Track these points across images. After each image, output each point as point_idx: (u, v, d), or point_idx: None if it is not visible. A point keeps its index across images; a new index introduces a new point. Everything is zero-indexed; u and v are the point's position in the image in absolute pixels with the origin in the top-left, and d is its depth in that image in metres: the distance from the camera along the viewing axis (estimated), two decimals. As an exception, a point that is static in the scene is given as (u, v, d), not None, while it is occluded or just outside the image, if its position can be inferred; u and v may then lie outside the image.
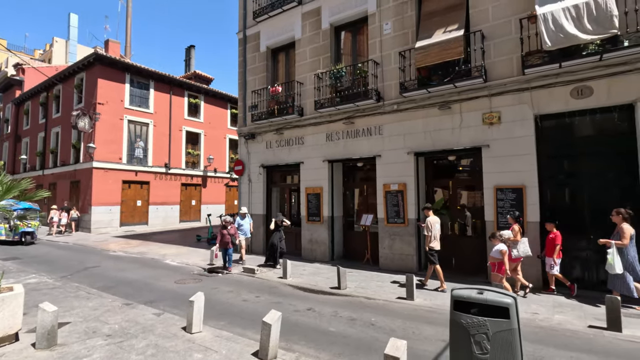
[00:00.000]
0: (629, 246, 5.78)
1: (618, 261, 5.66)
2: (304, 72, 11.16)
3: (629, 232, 5.79)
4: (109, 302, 6.41)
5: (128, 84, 19.65)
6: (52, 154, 21.97)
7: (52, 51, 32.69)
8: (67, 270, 9.55)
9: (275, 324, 4.01)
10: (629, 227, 5.84)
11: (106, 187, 18.30)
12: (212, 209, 22.60)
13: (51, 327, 4.34)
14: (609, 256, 5.74)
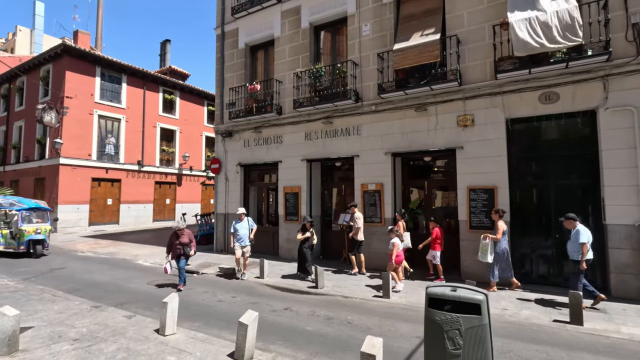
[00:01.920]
0: (501, 240, 6.77)
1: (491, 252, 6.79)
2: (283, 70, 11.10)
3: (502, 228, 6.78)
4: (76, 305, 6.14)
5: (99, 77, 18.85)
6: (15, 149, 20.77)
7: (15, 40, 30.85)
8: (31, 272, 9.07)
9: (251, 324, 3.97)
10: (502, 224, 6.83)
11: (74, 185, 17.48)
12: (187, 207, 22.09)
13: (12, 332, 4.11)
14: (481, 247, 6.90)
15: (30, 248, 10.94)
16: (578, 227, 5.85)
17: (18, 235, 10.99)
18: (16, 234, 11.10)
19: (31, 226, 11.07)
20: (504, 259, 6.77)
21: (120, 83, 19.87)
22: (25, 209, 11.34)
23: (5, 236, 11.28)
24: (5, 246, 11.18)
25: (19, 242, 10.97)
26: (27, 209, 11.39)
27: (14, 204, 11.43)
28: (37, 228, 11.10)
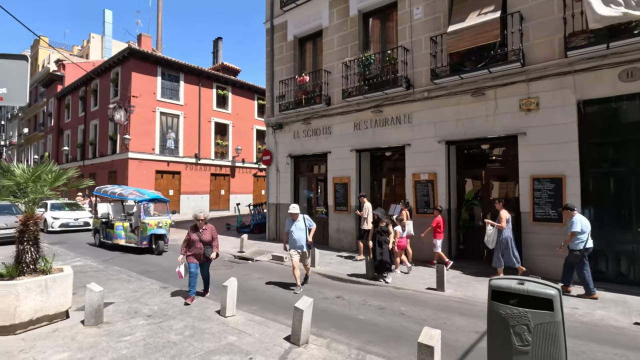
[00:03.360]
0: (506, 228, 6.86)
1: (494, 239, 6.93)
2: (331, 60, 11.06)
3: (505, 216, 6.91)
4: (148, 285, 6.75)
5: (160, 76, 20.24)
6: (91, 146, 23.15)
7: (89, 47, 34.19)
8: (108, 254, 10.11)
9: (307, 310, 4.08)
10: (505, 213, 6.97)
11: (141, 177, 19.08)
12: (240, 198, 23.10)
13: (98, 306, 4.63)
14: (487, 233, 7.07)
15: (153, 243, 10.00)
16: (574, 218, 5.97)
17: (141, 229, 9.96)
18: (137, 227, 10.19)
19: (153, 219, 10.07)
20: (507, 247, 6.84)
21: (178, 81, 21.16)
22: (146, 199, 10.28)
23: (125, 229, 10.55)
24: (126, 240, 10.49)
25: (141, 236, 9.98)
26: (148, 200, 10.35)
27: (133, 194, 10.61)
28: (159, 221, 10.07)
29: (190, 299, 5.60)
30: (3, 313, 4.21)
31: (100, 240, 11.24)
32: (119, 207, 11.91)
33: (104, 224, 11.17)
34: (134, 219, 10.55)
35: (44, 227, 14.30)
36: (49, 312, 4.57)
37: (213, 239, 5.89)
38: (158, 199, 10.78)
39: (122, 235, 10.56)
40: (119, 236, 10.58)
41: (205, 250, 5.78)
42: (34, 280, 4.44)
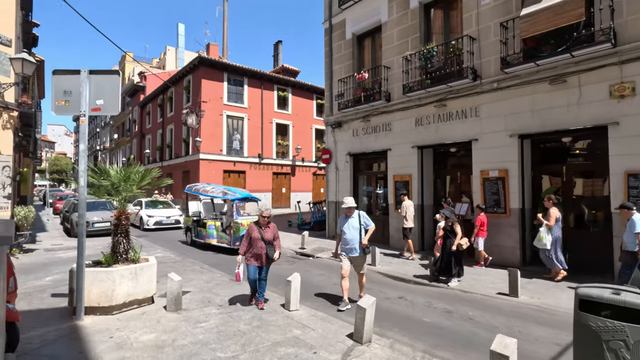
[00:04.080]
0: (554, 227, 6.73)
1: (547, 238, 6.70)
2: (391, 55, 10.82)
3: (554, 215, 6.78)
4: (218, 277, 7.26)
5: (226, 82, 21.58)
6: (168, 148, 25.51)
7: (166, 58, 37.72)
8: (184, 248, 11.07)
9: (369, 308, 4.06)
10: (555, 211, 6.84)
11: (211, 176, 20.55)
12: (300, 196, 23.71)
13: (177, 294, 5.11)
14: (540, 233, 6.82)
15: None
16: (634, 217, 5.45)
17: (233, 229, 9.51)
18: (228, 227, 9.80)
19: (245, 219, 9.65)
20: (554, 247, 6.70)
21: (243, 85, 22.35)
22: (238, 198, 9.88)
23: (217, 229, 10.24)
24: (218, 240, 10.19)
25: (234, 236, 9.49)
26: (240, 199, 9.98)
27: (226, 193, 10.27)
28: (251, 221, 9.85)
29: (261, 303, 5.27)
30: (103, 295, 4.85)
31: (192, 239, 11.29)
32: (209, 206, 11.88)
33: (196, 223, 11.15)
34: (225, 219, 10.29)
35: (140, 225, 15.18)
36: (138, 296, 5.15)
37: (275, 237, 5.36)
38: (249, 197, 10.36)
39: (214, 235, 10.34)
40: (211, 235, 10.44)
41: (268, 249, 5.22)
42: (126, 268, 5.04)
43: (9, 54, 8.75)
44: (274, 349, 3.91)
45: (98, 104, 4.89)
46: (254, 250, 5.23)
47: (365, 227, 5.58)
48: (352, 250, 5.47)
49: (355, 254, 5.46)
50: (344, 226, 5.59)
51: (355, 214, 5.62)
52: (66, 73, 4.90)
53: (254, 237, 5.25)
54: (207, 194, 10.92)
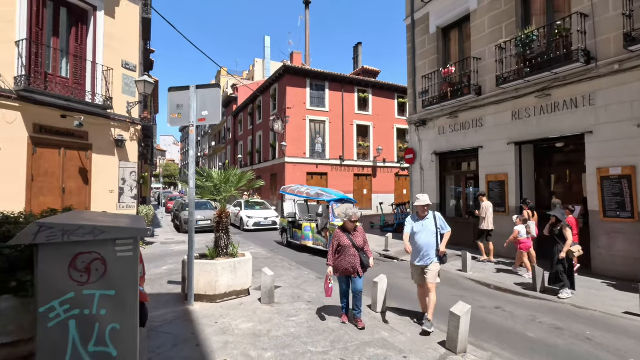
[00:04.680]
0: None
1: None
2: (481, 45, 10.00)
3: None
4: (306, 275, 7.57)
5: (308, 87, 22.45)
6: (258, 153, 27.53)
7: (254, 70, 40.87)
8: (275, 246, 11.80)
9: (464, 316, 3.81)
10: None
11: (295, 178, 21.56)
12: (382, 197, 23.37)
13: (270, 288, 5.48)
14: None
15: None
16: None
17: (330, 232, 9.09)
18: (324, 229, 9.53)
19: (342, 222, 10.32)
20: None
21: (324, 89, 22.98)
22: (334, 199, 9.53)
23: (313, 230, 10.03)
24: (314, 242, 9.95)
25: (330, 239, 8.43)
26: (336, 200, 9.59)
27: (320, 194, 10.05)
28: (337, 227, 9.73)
29: (345, 317, 4.74)
30: (208, 285, 5.45)
31: (288, 240, 11.36)
32: (303, 207, 11.92)
33: (291, 224, 11.18)
34: (320, 220, 10.03)
35: (240, 225, 15.73)
36: (236, 288, 5.66)
37: (365, 242, 4.76)
38: (345, 199, 9.95)
39: (309, 237, 10.15)
40: (306, 237, 10.29)
41: (361, 257, 4.61)
42: (227, 261, 5.58)
43: (134, 78, 10.45)
44: (363, 349, 3.92)
45: (203, 115, 5.53)
46: (346, 259, 4.57)
47: (441, 230, 4.69)
48: (426, 257, 4.60)
49: (429, 262, 4.59)
50: (416, 228, 4.69)
51: (429, 214, 4.75)
52: (178, 90, 5.65)
53: (343, 244, 4.61)
54: (302, 195, 10.89)
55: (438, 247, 4.59)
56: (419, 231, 4.67)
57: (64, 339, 2.19)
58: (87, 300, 2.23)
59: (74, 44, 9.25)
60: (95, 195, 9.39)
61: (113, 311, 2.30)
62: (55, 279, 2.17)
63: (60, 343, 2.18)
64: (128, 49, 10.36)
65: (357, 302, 4.59)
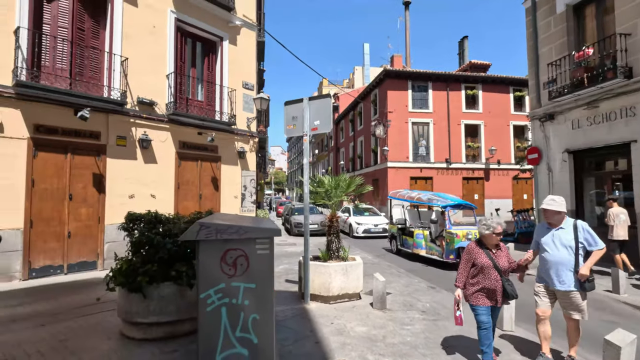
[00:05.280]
0: None
1: None
2: (630, 18, 8.24)
3: None
4: (416, 283, 7.29)
5: (410, 89, 21.81)
6: (359, 159, 27.87)
7: (354, 78, 41.73)
8: (381, 252, 11.71)
9: (626, 348, 3.12)
10: None
11: (398, 184, 21.07)
12: (497, 203, 21.09)
13: (382, 293, 5.43)
14: None
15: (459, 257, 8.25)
16: None
17: (447, 240, 8.51)
18: (439, 237, 8.96)
19: (461, 229, 8.58)
20: None
21: (427, 90, 22.01)
22: (450, 205, 8.85)
23: (426, 238, 9.41)
24: (427, 250, 9.32)
25: (447, 249, 8.51)
26: (452, 206, 8.92)
27: (433, 199, 9.48)
28: (468, 232, 8.37)
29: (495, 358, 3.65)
30: (322, 286, 5.70)
31: (398, 247, 10.87)
32: (414, 213, 11.41)
33: (401, 231, 10.72)
34: (434, 228, 9.38)
35: (349, 232, 15.19)
36: (348, 291, 5.78)
37: (511, 263, 3.66)
38: (463, 204, 9.19)
39: (422, 245, 9.54)
40: (419, 245, 9.67)
41: (504, 283, 3.50)
42: (339, 264, 5.76)
43: (252, 96, 11.73)
44: (491, 370, 3.56)
45: (315, 124, 5.86)
46: (484, 284, 3.50)
47: (586, 246, 3.53)
48: (558, 280, 3.54)
49: (564, 287, 3.51)
50: (544, 240, 3.71)
51: (568, 223, 3.66)
52: (293, 102, 6.12)
53: (481, 264, 3.53)
54: (412, 200, 10.32)
55: (577, 268, 3.48)
56: (547, 244, 3.66)
57: (218, 322, 2.56)
58: (234, 291, 2.57)
59: (206, 71, 10.88)
60: (223, 200, 10.80)
61: (254, 302, 2.59)
62: (210, 271, 2.57)
63: (215, 326, 2.55)
64: (247, 70, 11.70)
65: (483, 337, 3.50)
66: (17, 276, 6.94)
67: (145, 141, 8.86)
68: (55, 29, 7.79)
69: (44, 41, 7.58)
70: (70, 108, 7.56)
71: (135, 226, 4.54)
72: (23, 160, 7.09)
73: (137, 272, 4.09)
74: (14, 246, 6.85)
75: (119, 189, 8.45)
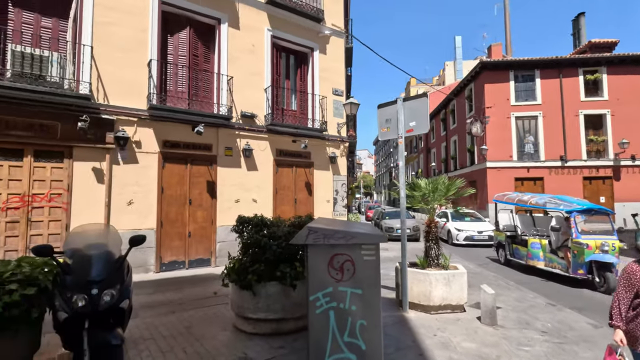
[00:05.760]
0: None
1: None
2: None
3: None
4: (531, 298, 6.44)
5: (512, 81, 19.61)
6: (452, 160, 26.09)
7: (444, 74, 39.38)
8: (480, 260, 10.72)
9: None
10: None
11: (499, 185, 19.05)
12: (632, 207, 17.48)
13: (492, 307, 4.93)
14: None
15: (595, 274, 7.12)
16: None
17: (574, 252, 7.34)
18: (562, 248, 7.86)
19: (593, 239, 7.20)
20: None
21: (533, 79, 19.52)
22: (578, 210, 7.58)
23: (544, 248, 8.30)
24: (545, 263, 8.24)
25: (574, 261, 7.34)
26: (581, 211, 7.59)
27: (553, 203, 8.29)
28: (604, 243, 7.05)
29: None
30: (422, 294, 5.43)
31: (506, 258, 9.74)
32: (527, 219, 10.25)
33: (510, 239, 9.63)
34: (555, 236, 8.25)
35: (448, 239, 14.03)
36: (451, 302, 5.39)
37: None
38: (596, 209, 7.82)
39: (539, 256, 8.39)
40: (535, 256, 8.49)
41: None
42: (440, 272, 5.42)
43: (341, 101, 11.93)
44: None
45: (411, 126, 5.66)
46: None
47: None
48: None
49: None
50: None
51: None
52: (386, 105, 6.02)
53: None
54: (525, 204, 9.16)
55: None
56: None
57: (326, 325, 2.61)
58: (341, 295, 2.60)
59: (299, 81, 11.46)
60: (316, 205, 11.18)
61: (361, 308, 2.58)
62: (319, 274, 2.64)
63: (324, 328, 2.62)
64: (336, 77, 11.97)
65: None
66: (152, 269, 8.23)
67: (248, 150, 9.70)
68: (176, 58, 9.10)
69: (168, 69, 8.92)
70: (189, 125, 8.71)
71: (244, 228, 4.97)
72: (155, 171, 8.41)
73: (247, 270, 4.47)
74: (149, 243, 8.15)
75: (227, 194, 9.41)
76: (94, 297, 2.57)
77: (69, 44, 7.65)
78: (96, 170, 7.65)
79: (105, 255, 2.79)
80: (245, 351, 3.98)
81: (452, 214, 14.85)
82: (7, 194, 6.87)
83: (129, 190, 8.02)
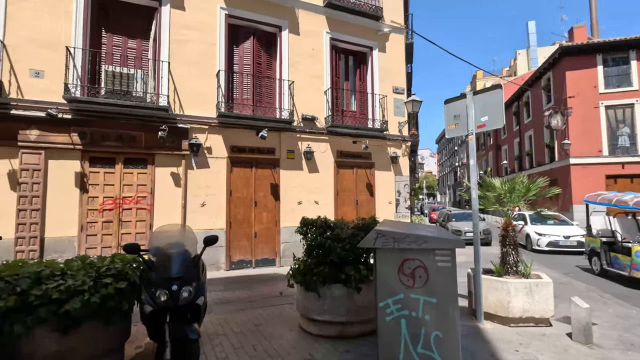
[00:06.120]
0: None
1: None
2: None
3: None
4: (635, 314, 5.55)
5: (600, 65, 17.30)
6: (528, 156, 23.80)
7: (516, 64, 36.14)
8: (567, 268, 9.57)
9: None
10: None
11: (586, 184, 16.89)
12: None
13: (586, 323, 4.31)
14: None
15: None
16: None
17: None
18: None
19: None
20: None
21: (628, 62, 17.03)
22: None
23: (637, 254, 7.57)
24: None
25: None
26: None
27: None
28: None
29: None
30: (499, 304, 4.96)
31: (602, 267, 8.68)
32: (630, 223, 9.01)
33: (607, 246, 8.60)
34: None
35: (526, 244, 12.89)
36: (534, 314, 4.84)
37: None
38: None
39: None
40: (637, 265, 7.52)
41: None
42: (520, 281, 4.91)
43: (402, 100, 11.54)
44: None
45: (482, 121, 5.22)
46: None
47: None
48: None
49: None
50: None
51: None
52: (454, 100, 5.64)
53: None
54: (627, 206, 8.09)
55: None
56: None
57: (397, 334, 2.48)
58: (413, 303, 2.45)
59: (358, 82, 11.35)
60: (378, 206, 10.94)
61: (436, 318, 2.40)
62: (388, 280, 2.52)
63: (395, 337, 2.49)
64: (396, 75, 11.62)
65: None
66: (222, 267, 8.73)
67: (309, 153, 9.84)
68: (241, 67, 9.58)
69: (234, 78, 9.42)
70: (253, 130, 9.10)
71: (308, 230, 5.00)
72: (224, 175, 8.93)
73: (312, 272, 4.48)
74: (220, 243, 8.65)
75: (289, 196, 9.64)
76: (174, 292, 2.76)
77: (150, 61, 8.47)
78: (174, 175, 8.35)
79: (183, 254, 3.00)
80: (311, 352, 3.98)
81: (531, 217, 13.39)
82: (102, 197, 7.82)
83: (202, 193, 8.61)
